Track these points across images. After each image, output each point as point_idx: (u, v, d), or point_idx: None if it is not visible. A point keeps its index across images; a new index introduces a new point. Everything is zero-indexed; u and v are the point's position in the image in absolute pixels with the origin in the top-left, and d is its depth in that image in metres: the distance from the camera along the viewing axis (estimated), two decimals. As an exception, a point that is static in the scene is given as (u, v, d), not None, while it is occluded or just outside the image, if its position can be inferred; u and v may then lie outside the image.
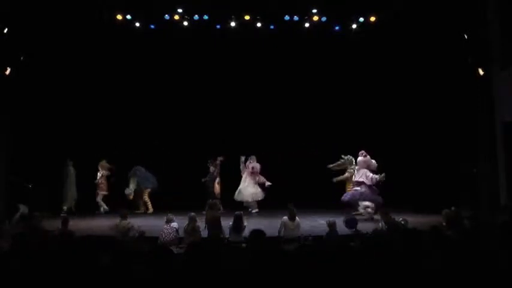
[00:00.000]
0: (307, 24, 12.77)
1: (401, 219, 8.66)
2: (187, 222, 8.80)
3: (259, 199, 12.87)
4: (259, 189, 12.83)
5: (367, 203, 11.53)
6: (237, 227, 8.44)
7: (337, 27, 13.04)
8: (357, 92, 14.11)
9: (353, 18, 12.72)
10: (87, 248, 4.46)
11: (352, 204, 11.89)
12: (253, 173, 12.85)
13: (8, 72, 11.03)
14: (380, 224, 8.61)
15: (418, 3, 11.55)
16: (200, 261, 3.74)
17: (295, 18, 12.59)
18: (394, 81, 13.69)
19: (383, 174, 11.52)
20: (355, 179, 11.97)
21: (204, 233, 8.82)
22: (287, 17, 12.52)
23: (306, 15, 12.61)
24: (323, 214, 10.82)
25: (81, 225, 10.08)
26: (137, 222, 9.66)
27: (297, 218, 8.82)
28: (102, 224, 10.61)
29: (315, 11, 12.45)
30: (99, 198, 13.16)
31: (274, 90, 14.13)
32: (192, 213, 8.93)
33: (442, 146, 12.64)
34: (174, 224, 8.86)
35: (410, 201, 12.67)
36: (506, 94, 10.42)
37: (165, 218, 8.98)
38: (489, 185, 10.84)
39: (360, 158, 12.07)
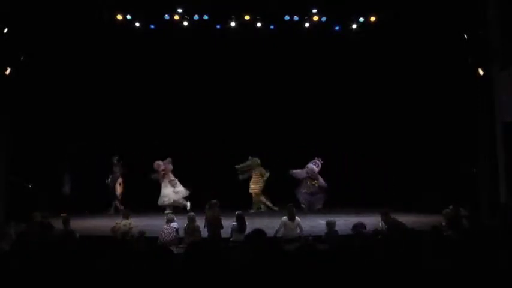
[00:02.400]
0: (307, 24, 12.77)
1: (392, 217, 8.66)
2: (187, 222, 8.81)
3: (183, 196, 12.85)
4: (178, 188, 12.87)
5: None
6: (241, 226, 8.44)
7: (337, 27, 13.04)
8: (357, 92, 14.09)
9: (353, 18, 12.72)
10: (88, 248, 4.47)
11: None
12: (165, 174, 12.93)
13: (8, 72, 11.02)
14: (380, 224, 8.61)
15: (418, 3, 11.55)
16: (200, 261, 3.74)
17: (295, 18, 12.59)
18: (394, 81, 13.68)
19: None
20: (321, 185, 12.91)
21: (204, 233, 8.83)
22: (287, 17, 12.52)
23: (306, 15, 12.61)
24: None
25: (82, 225, 10.08)
26: (137, 222, 9.67)
27: (296, 217, 8.83)
28: (102, 224, 10.62)
29: (315, 11, 12.45)
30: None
31: (274, 90, 14.11)
32: (192, 213, 8.93)
33: (442, 146, 12.64)
34: (174, 224, 8.87)
35: (410, 201, 12.68)
36: (506, 94, 10.41)
37: (165, 218, 8.98)
38: (489, 185, 10.83)
39: (315, 168, 12.91)
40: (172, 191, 12.78)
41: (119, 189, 13.29)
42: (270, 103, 14.17)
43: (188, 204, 12.55)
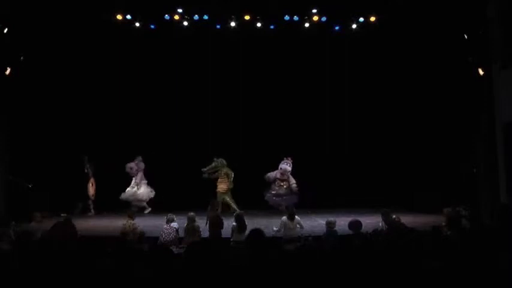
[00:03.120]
0: (307, 24, 12.77)
1: (394, 216, 8.67)
2: (187, 222, 8.81)
3: (141, 199, 13.03)
4: (140, 191, 13.02)
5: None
6: (240, 227, 8.43)
7: (337, 27, 13.04)
8: (358, 92, 14.10)
9: (353, 18, 12.72)
10: (88, 248, 4.47)
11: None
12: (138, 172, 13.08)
13: (8, 72, 11.02)
14: (380, 224, 8.61)
15: (418, 3, 11.54)
16: (200, 261, 3.74)
17: (295, 18, 12.59)
18: (394, 81, 13.69)
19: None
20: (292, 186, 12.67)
21: (205, 233, 8.83)
22: (287, 17, 12.51)
23: (306, 15, 12.60)
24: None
25: (83, 225, 10.09)
26: (137, 222, 9.67)
27: (296, 217, 8.82)
28: (103, 224, 10.63)
29: (315, 11, 12.45)
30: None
31: (274, 90, 14.11)
32: (192, 213, 8.93)
33: (442, 145, 12.65)
34: (174, 224, 8.87)
35: (410, 201, 12.69)
36: (506, 94, 10.41)
37: (165, 218, 8.98)
38: (489, 185, 10.82)
39: (288, 168, 12.68)
40: (133, 191, 12.98)
41: (91, 189, 13.29)
42: (269, 103, 14.16)
43: (149, 209, 12.80)
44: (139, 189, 13.09)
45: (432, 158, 12.86)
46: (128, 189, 13.10)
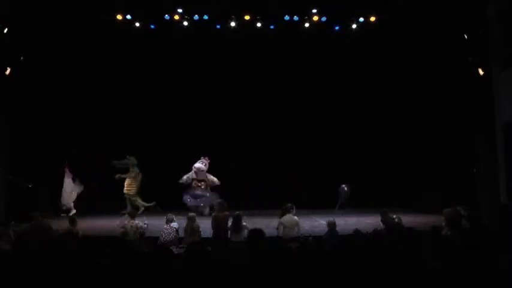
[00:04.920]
0: (307, 24, 12.78)
1: (394, 216, 8.66)
2: (187, 222, 8.80)
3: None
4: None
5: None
6: (236, 227, 8.43)
7: (337, 27, 13.04)
8: (358, 92, 14.11)
9: (353, 18, 12.72)
10: (88, 248, 4.47)
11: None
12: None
13: (8, 72, 11.02)
14: (380, 224, 8.61)
15: (418, 3, 11.54)
16: (200, 261, 3.74)
17: (295, 18, 12.59)
18: (394, 81, 13.70)
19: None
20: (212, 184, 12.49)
21: (205, 233, 8.83)
22: (287, 17, 12.52)
23: (306, 15, 12.60)
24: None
25: (84, 225, 10.09)
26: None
27: (295, 217, 8.80)
28: (104, 224, 10.62)
29: (315, 11, 12.45)
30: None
31: (274, 90, 14.11)
32: (192, 213, 8.92)
33: (442, 146, 12.65)
34: (174, 224, 8.86)
35: (410, 201, 12.69)
36: (506, 94, 10.41)
37: (165, 218, 8.98)
38: (489, 184, 10.82)
39: (203, 166, 12.41)
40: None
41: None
42: (269, 103, 14.17)
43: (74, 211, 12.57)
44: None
45: (432, 158, 12.87)
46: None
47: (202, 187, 12.49)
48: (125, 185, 12.74)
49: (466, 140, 11.75)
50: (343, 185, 13.08)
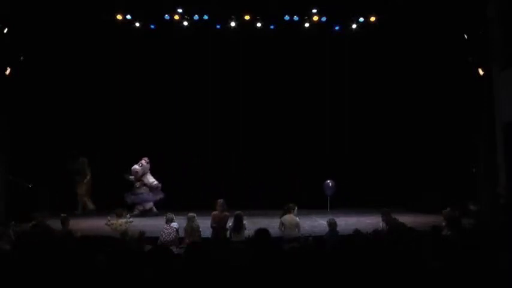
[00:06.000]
0: (307, 24, 12.78)
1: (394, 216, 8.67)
2: (187, 222, 8.80)
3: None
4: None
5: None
6: (236, 226, 8.44)
7: (337, 27, 13.05)
8: (357, 92, 14.10)
9: (353, 18, 12.73)
10: (87, 248, 4.47)
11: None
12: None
13: (8, 72, 11.02)
14: (380, 224, 8.61)
15: (418, 3, 11.55)
16: (200, 261, 3.74)
17: (295, 18, 12.59)
18: (394, 82, 13.70)
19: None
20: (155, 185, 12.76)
21: (205, 233, 8.83)
22: (287, 17, 12.52)
23: (306, 15, 12.61)
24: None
25: (81, 225, 10.07)
26: (137, 222, 9.66)
27: (296, 218, 8.80)
28: (101, 224, 10.59)
29: (315, 11, 12.45)
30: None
31: (274, 89, 14.11)
32: (191, 213, 8.92)
33: (442, 146, 12.65)
34: (174, 224, 8.86)
35: (410, 201, 12.68)
36: (506, 94, 10.41)
37: (165, 218, 8.97)
38: (489, 185, 10.82)
39: (137, 167, 12.65)
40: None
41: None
42: (269, 103, 14.16)
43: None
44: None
45: (432, 158, 12.86)
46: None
47: (137, 186, 12.78)
48: (77, 184, 13.08)
49: (466, 140, 11.75)
50: (328, 181, 13.06)
